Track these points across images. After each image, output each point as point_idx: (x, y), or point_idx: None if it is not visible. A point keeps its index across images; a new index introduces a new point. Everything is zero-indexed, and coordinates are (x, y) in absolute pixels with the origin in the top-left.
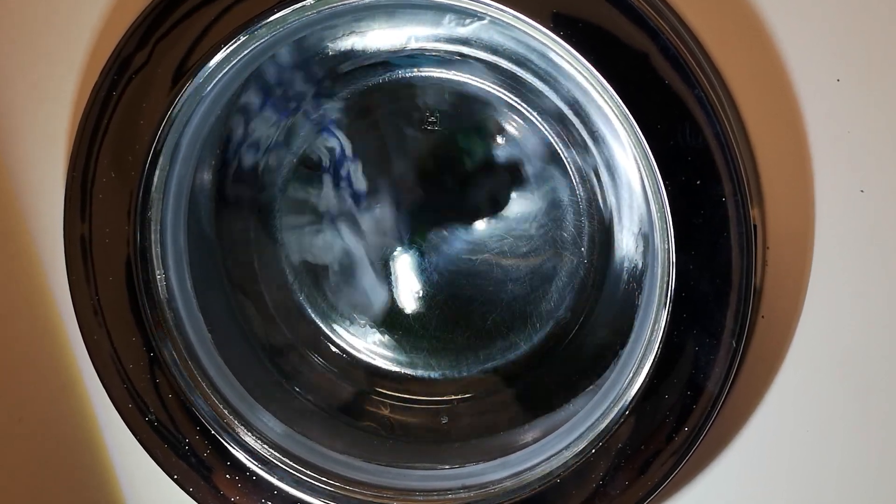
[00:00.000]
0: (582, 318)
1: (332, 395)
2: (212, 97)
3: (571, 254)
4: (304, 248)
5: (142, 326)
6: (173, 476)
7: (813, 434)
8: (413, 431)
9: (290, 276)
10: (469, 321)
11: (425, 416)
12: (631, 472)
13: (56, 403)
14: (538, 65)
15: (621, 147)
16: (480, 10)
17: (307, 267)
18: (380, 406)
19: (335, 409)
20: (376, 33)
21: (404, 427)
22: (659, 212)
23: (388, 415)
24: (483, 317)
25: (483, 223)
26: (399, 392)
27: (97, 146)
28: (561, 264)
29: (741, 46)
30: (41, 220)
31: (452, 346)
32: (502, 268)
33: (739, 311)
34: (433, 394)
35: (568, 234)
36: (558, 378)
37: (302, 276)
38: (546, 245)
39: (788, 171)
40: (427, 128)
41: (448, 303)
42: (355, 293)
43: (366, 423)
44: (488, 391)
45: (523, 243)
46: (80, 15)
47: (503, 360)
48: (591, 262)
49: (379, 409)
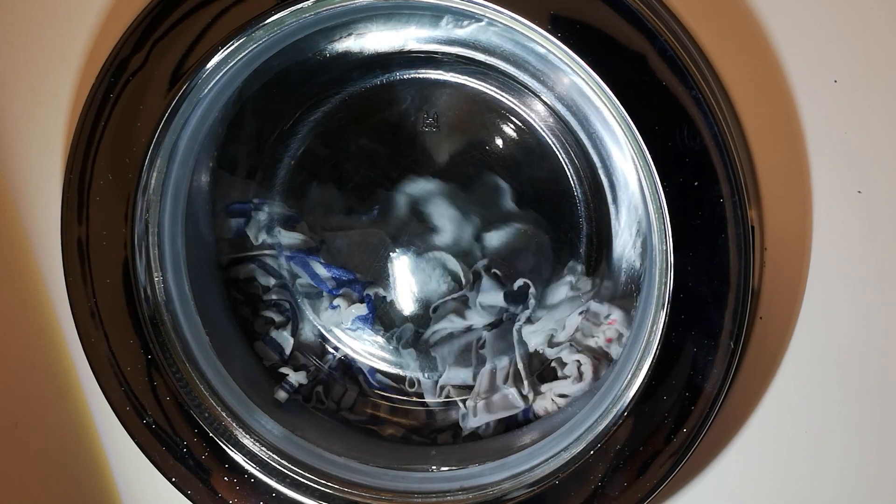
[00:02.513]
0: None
1: (330, 397)
2: (209, 99)
3: (569, 255)
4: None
5: (139, 329)
6: (171, 479)
7: (811, 434)
8: (411, 433)
9: (288, 277)
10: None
11: (424, 418)
12: (630, 473)
13: (53, 406)
14: (536, 66)
15: (619, 148)
16: (478, 12)
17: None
18: (378, 408)
19: (333, 412)
20: (374, 35)
21: (402, 429)
22: (657, 213)
23: (386, 416)
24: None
25: (480, 224)
26: (397, 394)
27: (94, 148)
28: (559, 265)
29: (739, 48)
30: (38, 222)
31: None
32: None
33: (737, 313)
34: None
35: (566, 235)
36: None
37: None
38: (544, 246)
39: (786, 172)
40: (425, 129)
41: (422, 285)
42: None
43: (364, 425)
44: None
45: (521, 244)
46: (77, 17)
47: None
48: (589, 263)
49: (377, 411)
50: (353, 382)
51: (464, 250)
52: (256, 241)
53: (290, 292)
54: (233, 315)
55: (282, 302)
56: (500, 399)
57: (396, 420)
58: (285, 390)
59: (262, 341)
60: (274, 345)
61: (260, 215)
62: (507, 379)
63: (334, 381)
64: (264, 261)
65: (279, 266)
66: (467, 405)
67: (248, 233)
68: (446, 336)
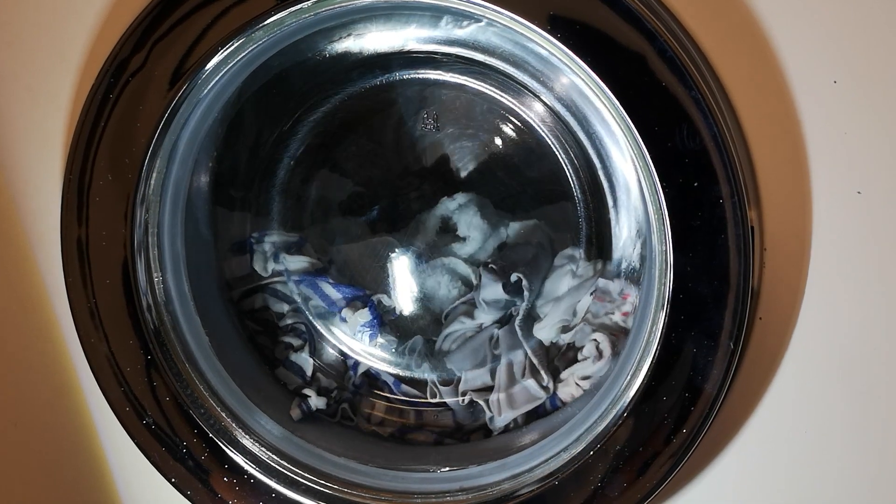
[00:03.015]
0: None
1: (359, 413)
2: (209, 100)
3: (568, 255)
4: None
5: (139, 329)
6: (171, 479)
7: (811, 435)
8: (443, 437)
9: (300, 300)
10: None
11: (423, 417)
12: (629, 473)
13: (53, 407)
14: (535, 67)
15: (619, 149)
16: (478, 13)
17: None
18: (377, 408)
19: (363, 428)
20: (374, 35)
21: (434, 434)
22: (656, 213)
23: (384, 416)
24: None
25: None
26: (396, 394)
27: (94, 149)
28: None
29: (738, 49)
30: (38, 223)
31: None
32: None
33: (737, 313)
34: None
35: (565, 235)
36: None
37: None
38: (544, 245)
39: (786, 172)
40: (425, 129)
41: (431, 294)
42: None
43: (363, 426)
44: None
45: (520, 244)
46: (76, 17)
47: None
48: (589, 253)
49: (376, 411)
50: (378, 395)
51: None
52: (266, 272)
53: (304, 314)
54: (251, 345)
55: (298, 325)
56: (521, 392)
57: (427, 426)
58: (301, 410)
59: (284, 366)
60: (295, 368)
61: (263, 247)
62: (524, 372)
63: (360, 397)
64: (275, 288)
65: (290, 291)
66: (490, 404)
67: (256, 267)
68: (459, 339)
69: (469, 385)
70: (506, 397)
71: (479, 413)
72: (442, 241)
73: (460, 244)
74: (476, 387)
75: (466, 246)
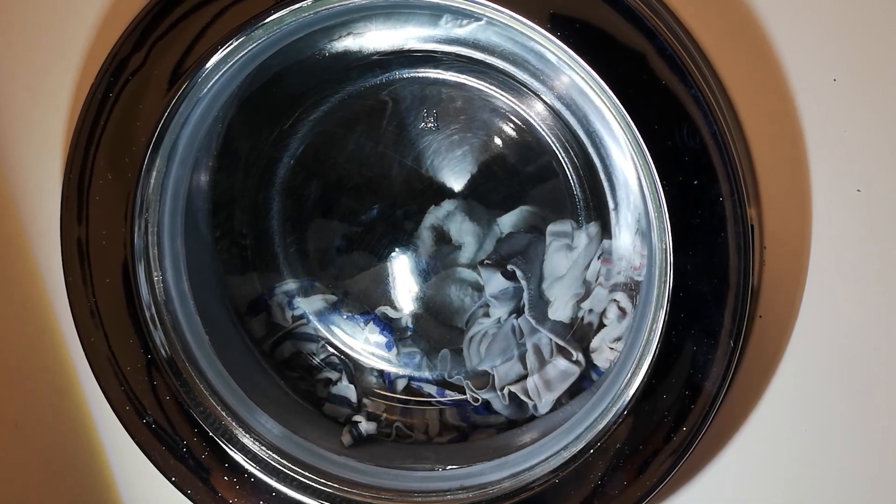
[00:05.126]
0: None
1: (415, 428)
2: (209, 98)
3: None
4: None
5: (139, 328)
6: (171, 478)
7: (811, 433)
8: (411, 432)
9: (327, 334)
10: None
11: (423, 417)
12: (629, 472)
13: (53, 406)
14: (535, 65)
15: (619, 147)
16: (478, 11)
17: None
18: (377, 407)
19: (423, 442)
20: (373, 34)
21: (402, 428)
22: (656, 212)
23: (385, 415)
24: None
25: (479, 225)
26: (396, 392)
27: (94, 148)
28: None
29: (738, 47)
30: (38, 222)
31: (451, 348)
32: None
33: (737, 311)
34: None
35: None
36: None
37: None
38: (539, 230)
39: (785, 170)
40: (425, 128)
41: (444, 307)
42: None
43: (419, 437)
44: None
45: (513, 233)
46: (76, 16)
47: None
48: (576, 221)
49: (376, 410)
50: (427, 405)
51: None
52: (289, 322)
53: (335, 346)
54: (294, 391)
55: (331, 358)
56: (554, 373)
57: (480, 426)
58: (352, 436)
59: (329, 401)
60: (340, 400)
61: (277, 299)
62: (552, 352)
63: (409, 412)
64: (300, 332)
65: (315, 329)
66: (529, 391)
67: (276, 320)
68: (484, 340)
69: (503, 380)
70: (541, 381)
71: (524, 404)
72: (443, 251)
73: (459, 252)
74: (511, 380)
75: (464, 252)
